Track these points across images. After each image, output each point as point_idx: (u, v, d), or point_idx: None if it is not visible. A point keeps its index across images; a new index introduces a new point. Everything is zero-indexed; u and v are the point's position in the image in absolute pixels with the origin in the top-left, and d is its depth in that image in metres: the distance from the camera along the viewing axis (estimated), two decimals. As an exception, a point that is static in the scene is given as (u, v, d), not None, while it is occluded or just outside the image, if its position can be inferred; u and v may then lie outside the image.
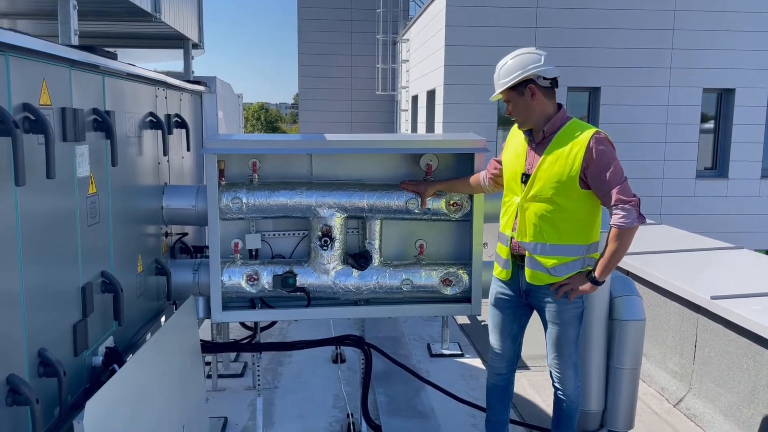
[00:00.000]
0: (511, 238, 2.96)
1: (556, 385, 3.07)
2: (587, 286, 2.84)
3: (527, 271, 2.92)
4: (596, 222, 2.89)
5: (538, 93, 2.80)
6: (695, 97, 12.75)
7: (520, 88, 2.81)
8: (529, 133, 2.91)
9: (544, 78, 2.80)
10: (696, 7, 12.45)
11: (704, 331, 4.18)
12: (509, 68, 2.82)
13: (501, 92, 2.87)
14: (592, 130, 2.77)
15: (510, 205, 2.98)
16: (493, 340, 3.18)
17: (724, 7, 12.44)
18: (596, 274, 2.81)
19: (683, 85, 12.63)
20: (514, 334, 3.13)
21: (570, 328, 2.94)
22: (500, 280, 3.10)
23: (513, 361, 3.18)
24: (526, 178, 2.87)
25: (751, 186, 13.01)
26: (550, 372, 3.08)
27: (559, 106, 2.87)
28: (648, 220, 7.17)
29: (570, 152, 2.75)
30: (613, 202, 2.70)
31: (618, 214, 2.69)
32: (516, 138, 3.01)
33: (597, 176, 2.72)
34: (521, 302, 3.06)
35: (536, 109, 2.82)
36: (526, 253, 2.91)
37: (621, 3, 12.33)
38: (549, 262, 2.85)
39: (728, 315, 3.89)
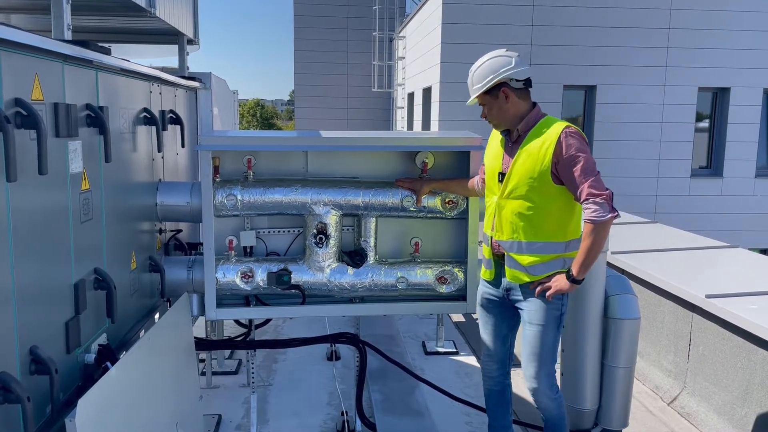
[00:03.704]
0: (492, 237, 2.96)
1: (531, 395, 2.95)
2: (566, 284, 2.76)
3: (507, 270, 2.92)
4: (573, 218, 2.85)
5: (512, 95, 2.82)
6: (690, 96, 12.76)
7: (494, 91, 2.83)
8: (506, 133, 2.93)
9: (517, 80, 2.81)
10: (691, 6, 12.46)
11: (699, 329, 4.18)
12: (481, 73, 2.84)
13: (476, 97, 2.89)
14: (562, 125, 2.78)
15: (490, 205, 2.99)
16: (483, 341, 3.16)
17: (720, 6, 12.46)
18: (573, 271, 2.75)
19: (679, 83, 12.64)
20: (503, 336, 3.10)
21: (548, 331, 2.85)
22: (486, 281, 3.09)
23: (504, 363, 3.15)
24: (502, 176, 2.88)
25: (746, 185, 13.04)
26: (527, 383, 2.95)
27: (534, 104, 2.89)
28: (643, 219, 7.19)
29: (541, 147, 2.75)
30: (584, 197, 2.67)
31: (590, 209, 2.66)
32: (495, 139, 3.04)
33: (567, 170, 2.71)
34: (507, 303, 3.02)
35: (510, 110, 2.84)
36: (505, 252, 2.90)
37: (617, 1, 12.33)
38: (526, 260, 2.83)
39: (723, 314, 3.90)
